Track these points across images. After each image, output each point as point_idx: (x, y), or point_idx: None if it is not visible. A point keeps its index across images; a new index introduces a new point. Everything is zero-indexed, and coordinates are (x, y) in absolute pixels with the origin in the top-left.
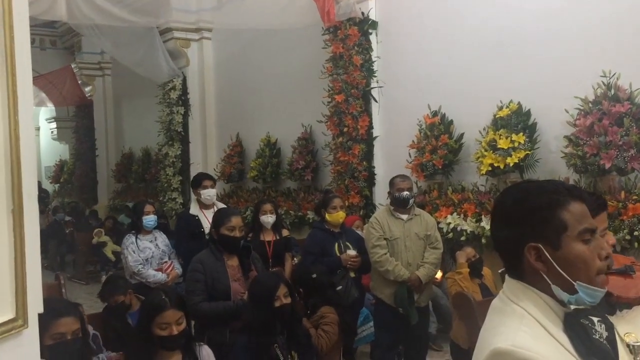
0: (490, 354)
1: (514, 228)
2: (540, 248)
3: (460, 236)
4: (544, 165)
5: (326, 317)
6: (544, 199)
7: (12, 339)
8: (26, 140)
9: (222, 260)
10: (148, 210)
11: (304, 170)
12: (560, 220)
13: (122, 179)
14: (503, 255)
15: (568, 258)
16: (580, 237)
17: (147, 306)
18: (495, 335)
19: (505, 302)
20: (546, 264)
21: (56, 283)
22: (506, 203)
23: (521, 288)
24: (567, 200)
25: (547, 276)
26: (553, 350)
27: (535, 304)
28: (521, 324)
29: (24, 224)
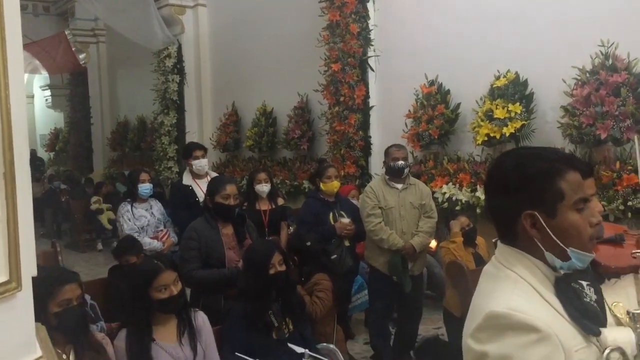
0: (485, 317)
1: (511, 195)
2: (536, 216)
3: (455, 206)
4: (539, 135)
5: (320, 284)
6: (543, 166)
7: (5, 301)
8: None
9: (217, 229)
10: (143, 178)
11: (300, 140)
12: (558, 190)
13: (118, 148)
14: (496, 222)
15: (563, 226)
16: (575, 206)
17: (142, 273)
18: (490, 300)
19: (498, 267)
20: (541, 231)
21: (52, 251)
22: (503, 169)
23: (514, 254)
24: (564, 169)
25: (541, 243)
26: (547, 312)
27: (528, 269)
28: (515, 288)
29: (16, 187)
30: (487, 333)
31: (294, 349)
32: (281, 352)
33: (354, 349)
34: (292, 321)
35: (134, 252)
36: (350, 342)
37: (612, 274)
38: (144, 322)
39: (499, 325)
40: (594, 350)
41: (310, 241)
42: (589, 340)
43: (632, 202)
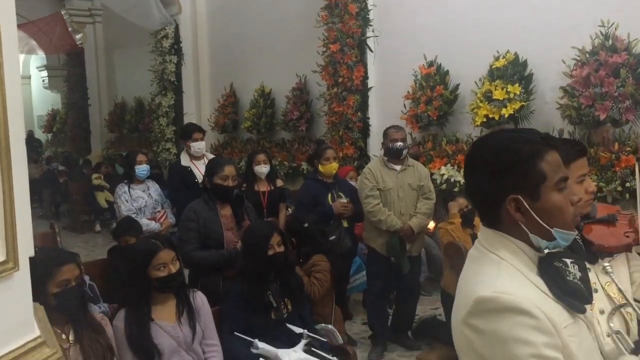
0: (474, 303)
1: (494, 180)
2: (520, 200)
3: (453, 187)
4: (538, 116)
5: (318, 265)
6: (524, 150)
7: (3, 281)
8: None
9: (215, 210)
10: (140, 159)
11: (298, 121)
12: (539, 172)
13: (116, 129)
14: (478, 204)
15: (546, 207)
16: (557, 187)
17: (140, 252)
18: (476, 284)
19: (481, 251)
20: (525, 214)
21: (51, 232)
22: (484, 154)
23: (497, 237)
24: (545, 150)
25: (525, 226)
26: (532, 292)
27: (510, 251)
28: (500, 271)
29: (11, 168)
30: (479, 319)
31: (293, 329)
32: (280, 333)
33: (352, 329)
34: (290, 302)
35: (133, 233)
36: (348, 323)
37: (605, 253)
38: (143, 301)
39: (488, 310)
40: (581, 325)
41: (308, 222)
42: (575, 316)
43: (630, 184)
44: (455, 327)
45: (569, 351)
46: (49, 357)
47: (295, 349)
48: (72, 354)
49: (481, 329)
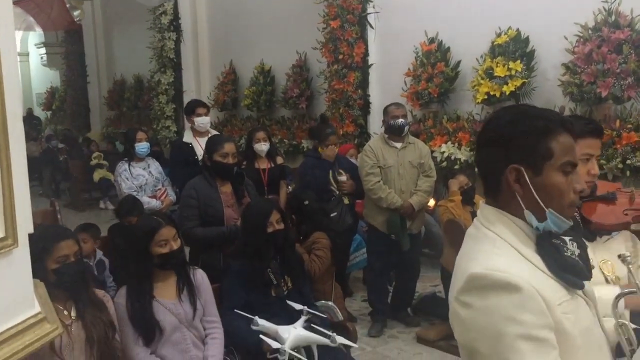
0: (466, 280)
1: (501, 148)
2: (522, 171)
3: (454, 165)
4: (540, 93)
5: (318, 242)
6: (538, 124)
7: (2, 257)
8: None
9: (215, 187)
10: (140, 137)
11: (299, 99)
12: (547, 148)
13: (115, 107)
14: (483, 174)
15: (546, 185)
16: (562, 168)
17: (142, 229)
18: (470, 261)
19: (478, 227)
20: (524, 187)
21: (51, 210)
22: (499, 121)
23: (494, 213)
24: (559, 130)
25: (522, 200)
26: (526, 269)
27: (507, 227)
28: (494, 247)
29: (9, 143)
30: (470, 295)
31: (293, 306)
32: (280, 309)
33: (352, 306)
34: (290, 279)
35: (136, 213)
36: (348, 300)
37: (603, 231)
38: (144, 278)
39: (479, 286)
40: (579, 302)
41: (309, 200)
42: (573, 292)
43: (631, 161)
44: (450, 304)
45: (562, 328)
46: (50, 333)
47: (295, 325)
48: (74, 330)
49: (472, 305)
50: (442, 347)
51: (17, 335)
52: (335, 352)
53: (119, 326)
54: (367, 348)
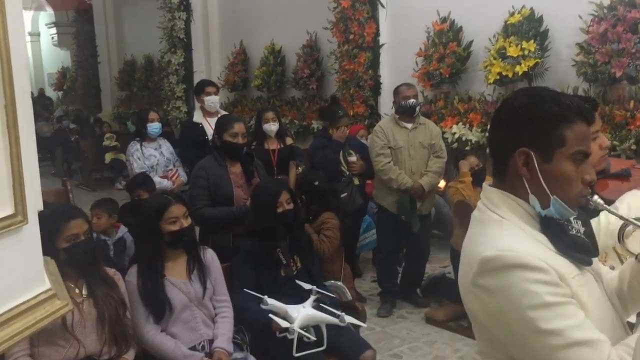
0: (479, 264)
1: (513, 130)
2: (531, 155)
3: (465, 146)
4: (553, 74)
5: (327, 222)
6: (554, 110)
7: (12, 234)
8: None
9: (225, 167)
10: (152, 117)
11: (309, 79)
12: (561, 136)
13: (126, 87)
14: (493, 155)
15: (554, 173)
16: (573, 157)
17: (153, 206)
18: (479, 245)
19: (483, 211)
20: (531, 172)
21: (63, 189)
22: (515, 102)
23: (499, 195)
24: (575, 118)
25: (527, 183)
26: (536, 247)
27: (511, 209)
28: (502, 229)
29: (17, 119)
30: (485, 278)
31: (302, 285)
32: (289, 289)
33: (362, 286)
34: (300, 259)
35: (146, 188)
36: (358, 280)
37: None
38: (155, 256)
39: (494, 268)
40: (589, 277)
41: (318, 180)
42: (582, 268)
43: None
44: (465, 291)
45: (579, 300)
46: (60, 309)
47: (305, 305)
48: (86, 307)
49: (490, 288)
50: (451, 328)
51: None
52: (344, 332)
53: (130, 304)
54: (376, 328)
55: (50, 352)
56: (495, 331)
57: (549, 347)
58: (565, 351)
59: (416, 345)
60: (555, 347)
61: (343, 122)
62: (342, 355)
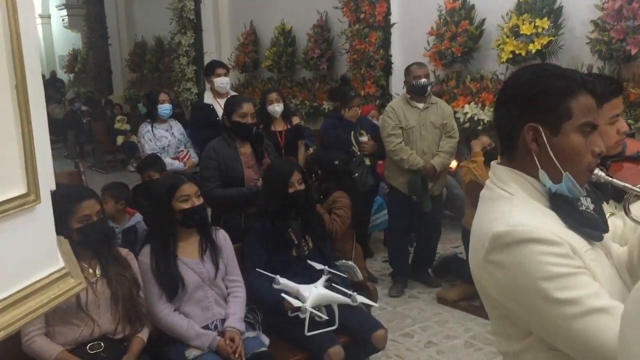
0: (491, 240)
1: (519, 106)
2: (539, 130)
3: (477, 126)
4: (567, 51)
5: (339, 202)
6: (558, 83)
7: (25, 213)
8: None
9: (235, 148)
10: (163, 98)
11: (320, 59)
12: (566, 108)
13: (137, 69)
14: (500, 133)
15: (563, 146)
16: (581, 129)
17: (165, 185)
18: (490, 222)
19: (491, 188)
20: (541, 147)
21: (76, 171)
22: (520, 79)
23: (507, 172)
24: (580, 90)
25: (537, 159)
26: (547, 222)
27: (521, 186)
28: (512, 206)
29: (28, 99)
30: (497, 254)
31: (314, 265)
32: (301, 269)
33: (373, 267)
34: (311, 239)
35: (157, 169)
36: (369, 261)
37: None
38: (168, 235)
39: (506, 244)
40: (599, 252)
41: (339, 160)
42: (593, 243)
43: None
44: (476, 269)
45: (591, 273)
46: (74, 287)
47: (316, 284)
48: (99, 287)
49: (502, 263)
50: (462, 308)
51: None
52: (355, 311)
53: (144, 283)
54: (388, 308)
55: (65, 331)
56: (509, 306)
57: (566, 316)
58: (582, 319)
59: (427, 324)
60: (571, 316)
61: (355, 102)
62: (353, 334)
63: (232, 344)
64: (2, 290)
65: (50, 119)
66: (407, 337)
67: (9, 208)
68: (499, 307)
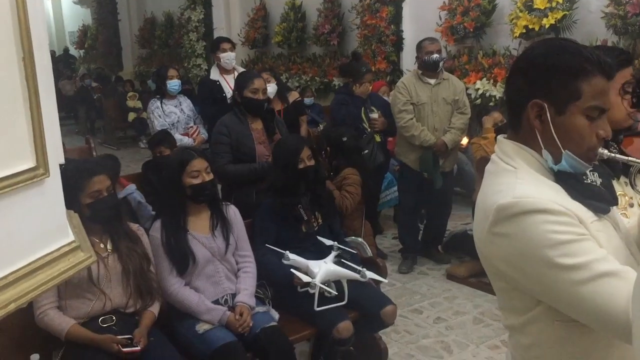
0: (495, 212)
1: (528, 80)
2: (544, 107)
3: (488, 102)
4: (581, 26)
5: (349, 178)
6: (573, 62)
7: (34, 187)
8: None
9: (246, 123)
10: (172, 74)
11: (330, 35)
12: (576, 89)
13: (146, 45)
14: (508, 106)
15: (567, 126)
16: (587, 112)
17: (175, 160)
18: (494, 194)
19: (496, 162)
20: (544, 124)
21: (87, 147)
22: (533, 52)
23: (513, 147)
24: (594, 72)
25: (540, 136)
26: (552, 193)
27: (526, 161)
28: (517, 178)
29: (36, 72)
30: (502, 225)
31: (323, 241)
32: (310, 245)
33: (383, 243)
34: (321, 215)
35: (168, 144)
36: (379, 237)
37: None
38: (178, 210)
39: (511, 215)
40: (607, 224)
41: (347, 137)
42: (600, 216)
43: None
44: (481, 243)
45: (598, 243)
46: (84, 260)
47: (326, 260)
48: (111, 262)
49: (507, 233)
50: (471, 284)
51: (52, 262)
52: (365, 287)
53: (155, 258)
54: (397, 284)
55: (77, 304)
56: (516, 277)
57: (574, 282)
58: (591, 284)
59: (437, 300)
60: (580, 282)
61: (367, 78)
62: (362, 310)
63: (241, 318)
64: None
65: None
66: (416, 313)
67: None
68: (505, 279)
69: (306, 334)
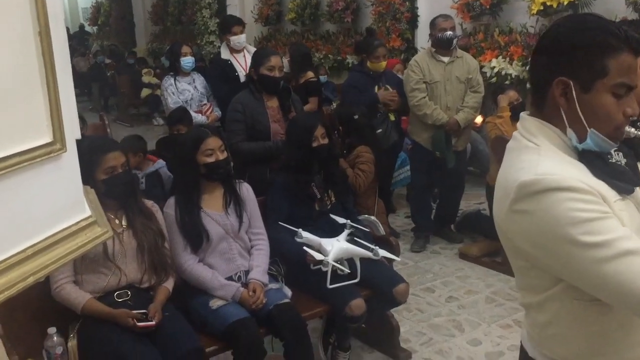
0: (517, 189)
1: (554, 58)
2: (570, 85)
3: (504, 80)
4: (600, 3)
5: (362, 156)
6: (599, 38)
7: (52, 161)
8: None
9: (262, 101)
10: (185, 51)
11: (344, 12)
12: (603, 66)
13: (159, 22)
14: (532, 83)
15: (593, 104)
16: (613, 89)
17: (190, 138)
18: (516, 172)
19: (519, 140)
20: (569, 102)
21: (100, 124)
22: (559, 29)
23: (536, 124)
24: (622, 49)
25: (565, 115)
26: (575, 171)
27: (549, 139)
28: (539, 155)
29: (52, 47)
30: (524, 202)
31: (336, 219)
32: (323, 223)
33: (396, 222)
34: (334, 193)
35: (186, 122)
36: (391, 216)
37: None
38: (192, 188)
39: (532, 192)
40: (630, 204)
41: (358, 114)
42: (623, 196)
43: None
44: (501, 221)
45: (621, 222)
46: (101, 235)
47: (339, 238)
48: (126, 238)
49: (529, 211)
50: (484, 263)
51: (70, 236)
52: (377, 265)
53: (169, 235)
54: (409, 262)
55: (93, 279)
56: (537, 255)
57: (595, 260)
58: (614, 262)
59: (449, 279)
60: (602, 260)
61: (380, 51)
62: (375, 288)
63: (254, 295)
64: (30, 237)
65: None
66: (429, 291)
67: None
68: (525, 257)
69: (319, 311)
